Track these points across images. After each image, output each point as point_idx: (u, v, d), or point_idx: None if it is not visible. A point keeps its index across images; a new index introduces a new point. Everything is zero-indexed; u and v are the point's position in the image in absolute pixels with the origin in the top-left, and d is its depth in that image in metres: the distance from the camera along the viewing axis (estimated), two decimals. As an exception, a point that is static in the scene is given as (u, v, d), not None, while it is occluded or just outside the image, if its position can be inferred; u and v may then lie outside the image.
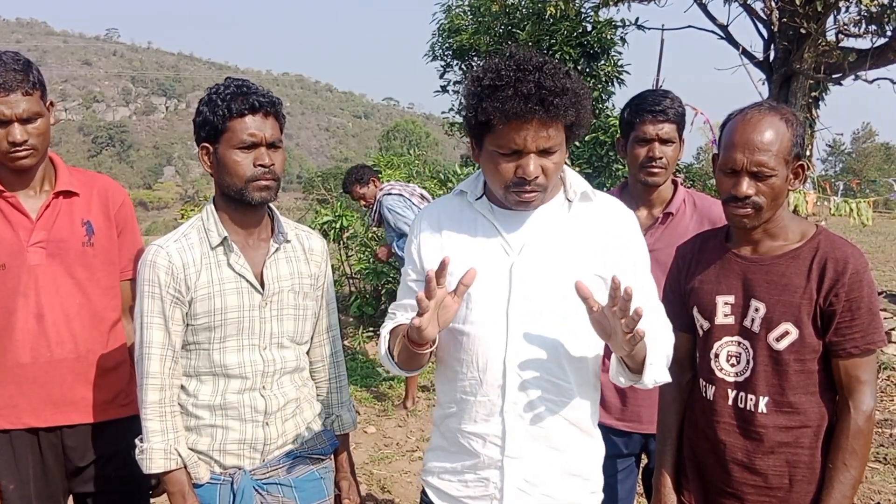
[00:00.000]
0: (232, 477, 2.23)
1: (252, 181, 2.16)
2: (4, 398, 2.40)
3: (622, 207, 2.05)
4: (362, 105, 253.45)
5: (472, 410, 1.97)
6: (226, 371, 2.22)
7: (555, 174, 1.87)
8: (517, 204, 1.89)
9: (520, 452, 1.94)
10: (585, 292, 1.73)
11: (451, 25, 11.67)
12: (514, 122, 1.78)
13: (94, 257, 2.48)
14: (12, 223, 2.39)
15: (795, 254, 2.08)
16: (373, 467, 5.36)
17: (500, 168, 1.85)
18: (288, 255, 2.33)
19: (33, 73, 2.32)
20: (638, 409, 2.85)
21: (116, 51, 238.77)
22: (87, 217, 2.49)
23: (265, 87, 2.24)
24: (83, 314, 2.46)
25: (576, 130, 1.88)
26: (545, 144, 1.81)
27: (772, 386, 2.07)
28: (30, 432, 2.43)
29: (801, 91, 8.75)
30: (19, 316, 2.38)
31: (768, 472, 2.10)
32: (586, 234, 1.94)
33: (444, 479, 2.06)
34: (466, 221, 2.02)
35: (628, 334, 1.70)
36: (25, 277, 2.38)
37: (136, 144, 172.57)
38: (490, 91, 1.79)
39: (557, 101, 1.76)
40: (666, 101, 2.79)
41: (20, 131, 2.29)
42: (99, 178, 2.62)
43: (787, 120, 2.02)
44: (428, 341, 1.81)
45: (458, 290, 1.78)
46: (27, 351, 2.39)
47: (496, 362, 1.92)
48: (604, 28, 10.29)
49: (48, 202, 2.43)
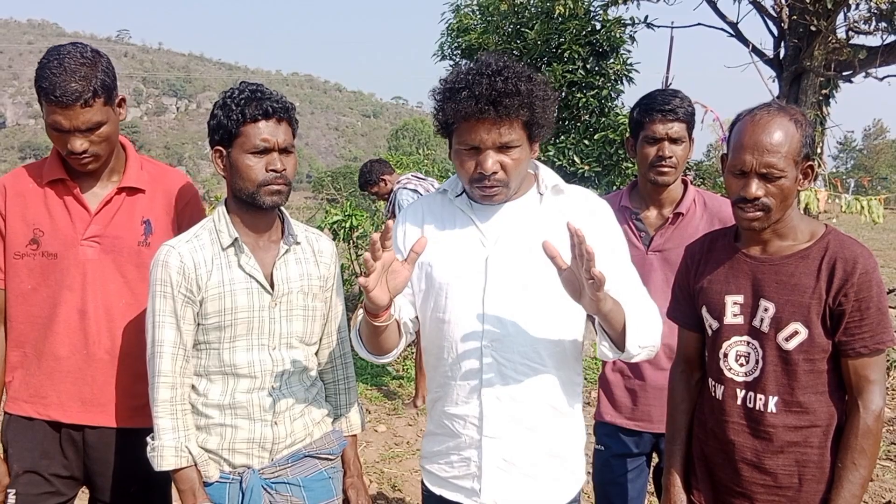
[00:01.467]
0: (241, 476, 2.25)
1: (264, 185, 2.18)
2: (35, 387, 2.39)
3: (594, 197, 2.18)
4: (371, 104, 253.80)
5: (453, 393, 2.12)
6: (235, 370, 2.24)
7: (515, 169, 2.00)
8: (481, 198, 2.05)
9: (497, 432, 2.07)
10: (552, 251, 1.84)
11: (460, 25, 11.66)
12: (470, 120, 1.94)
13: (149, 257, 2.34)
14: (71, 214, 2.35)
15: (805, 254, 2.07)
16: (383, 466, 5.37)
17: (463, 164, 2.01)
18: (298, 257, 2.34)
19: (97, 77, 2.22)
20: (648, 408, 2.85)
21: (127, 52, 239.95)
22: (147, 215, 2.44)
23: (279, 92, 2.26)
24: (128, 315, 2.41)
25: (536, 129, 2.01)
26: (501, 140, 1.95)
27: (781, 386, 2.07)
28: (52, 426, 2.41)
29: (812, 88, 8.70)
30: (63, 308, 2.35)
31: (778, 471, 2.09)
32: (558, 223, 2.00)
33: (433, 462, 2.21)
34: (447, 216, 2.17)
35: (589, 279, 1.78)
36: (74, 271, 2.34)
37: (147, 145, 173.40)
38: (451, 93, 1.97)
39: (507, 102, 1.90)
40: (675, 100, 2.79)
41: (80, 142, 2.25)
42: (170, 173, 2.57)
43: (796, 120, 2.02)
44: (380, 309, 1.91)
45: (409, 257, 1.91)
46: (65, 345, 2.36)
47: (473, 347, 2.06)
48: (613, 26, 10.25)
49: (110, 197, 2.38)
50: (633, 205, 2.90)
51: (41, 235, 2.34)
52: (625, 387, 2.89)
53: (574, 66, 9.99)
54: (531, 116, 1.96)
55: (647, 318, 1.99)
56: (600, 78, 10.19)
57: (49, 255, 2.34)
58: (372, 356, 2.13)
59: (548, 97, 2.00)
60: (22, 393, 2.42)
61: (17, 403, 2.42)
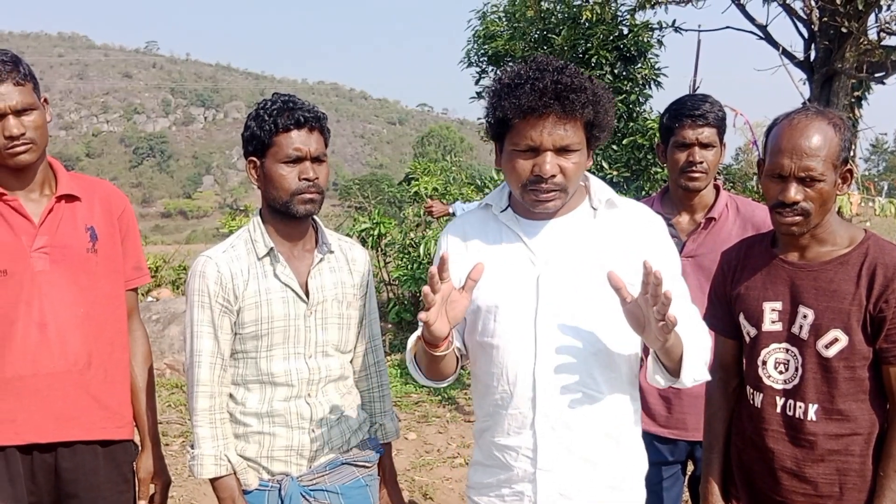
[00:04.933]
0: (280, 483, 2.27)
1: (297, 194, 2.20)
2: (3, 412, 2.25)
3: (649, 213, 2.04)
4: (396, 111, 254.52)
5: (504, 423, 1.98)
6: (272, 379, 2.26)
7: (574, 175, 1.86)
8: (535, 204, 1.89)
9: (552, 465, 1.94)
10: (618, 282, 1.74)
11: (487, 32, 11.66)
12: (531, 117, 1.80)
13: (98, 264, 2.35)
14: (14, 227, 2.26)
15: (844, 259, 2.05)
16: (414, 474, 5.38)
17: (517, 167, 1.86)
18: (332, 265, 2.36)
19: (23, 65, 2.22)
20: (683, 416, 2.83)
21: (156, 63, 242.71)
22: (90, 223, 2.38)
23: (310, 102, 2.28)
24: (86, 324, 2.33)
25: (596, 132, 1.88)
26: (562, 142, 1.81)
27: (821, 393, 2.05)
28: (23, 451, 2.28)
29: (843, 91, 8.60)
30: (20, 325, 2.24)
31: (818, 480, 2.07)
32: (613, 241, 1.93)
33: (483, 495, 2.07)
34: (492, 233, 2.03)
35: (660, 321, 1.69)
36: (28, 284, 2.25)
37: (175, 154, 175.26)
38: (509, 89, 1.82)
39: (574, 97, 1.77)
40: (705, 105, 2.78)
41: (16, 124, 2.17)
42: (100, 183, 2.51)
43: (834, 124, 2.00)
44: (440, 340, 1.81)
45: (465, 284, 1.79)
46: (28, 362, 2.25)
47: (526, 374, 1.92)
48: (640, 31, 10.20)
49: (51, 206, 2.31)
50: (665, 210, 2.88)
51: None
52: (659, 394, 2.87)
53: (601, 71, 9.94)
54: (595, 116, 1.84)
55: (702, 351, 1.90)
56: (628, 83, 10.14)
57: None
58: (430, 381, 2.04)
59: (609, 100, 1.87)
60: None
61: None
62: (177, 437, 5.91)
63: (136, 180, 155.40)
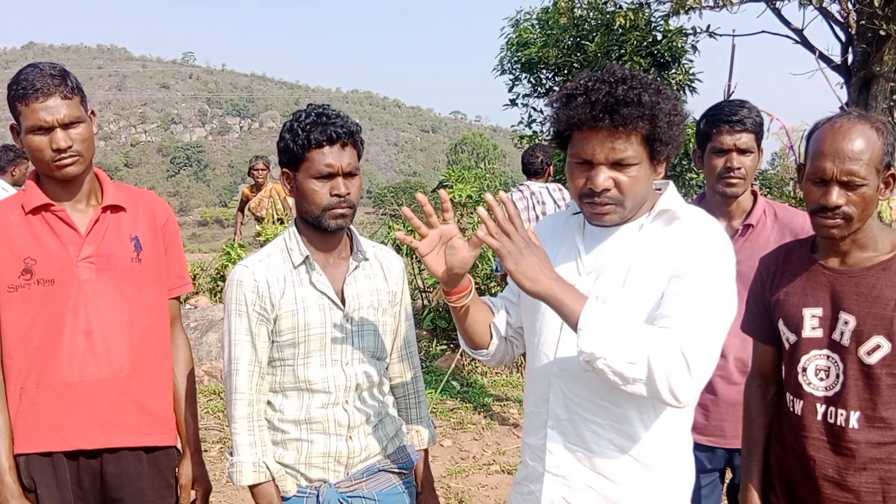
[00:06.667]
0: (318, 490, 2.28)
1: (328, 210, 2.22)
2: (51, 419, 2.31)
3: (706, 228, 1.89)
4: (430, 119, 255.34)
5: (529, 422, 2.04)
6: (310, 386, 2.27)
7: (632, 189, 1.80)
8: (592, 216, 1.87)
9: (559, 470, 1.94)
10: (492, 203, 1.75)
11: (520, 39, 11.69)
12: (584, 130, 1.78)
13: (142, 273, 2.41)
14: (61, 237, 2.32)
15: (886, 265, 2.02)
16: (450, 481, 5.37)
17: (574, 178, 1.85)
18: (367, 273, 2.38)
19: (71, 78, 2.27)
20: (721, 423, 2.80)
21: (192, 74, 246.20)
22: (134, 233, 2.43)
23: (345, 115, 2.28)
24: (131, 332, 2.38)
25: (658, 146, 1.80)
26: (615, 156, 1.77)
27: (863, 401, 2.02)
28: (70, 457, 2.34)
29: (882, 94, 8.47)
30: (67, 333, 2.30)
31: (861, 489, 2.04)
32: (646, 255, 1.84)
33: (515, 490, 2.13)
34: (559, 235, 2.04)
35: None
36: (75, 293, 2.31)
37: (211, 164, 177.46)
38: (567, 99, 1.81)
39: (625, 111, 1.72)
40: (743, 110, 2.76)
41: (63, 137, 2.22)
42: (144, 193, 2.57)
43: (877, 128, 1.97)
44: (449, 286, 1.95)
45: (472, 241, 1.88)
46: (75, 369, 2.31)
47: (544, 375, 1.96)
48: (674, 36, 10.16)
49: (97, 216, 2.37)
50: (702, 217, 2.85)
51: (33, 264, 2.30)
52: (696, 402, 2.84)
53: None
54: (652, 131, 1.76)
55: (636, 344, 1.68)
56: (662, 88, 10.09)
57: (45, 282, 2.30)
58: (466, 346, 2.11)
59: (675, 112, 1.80)
60: (34, 430, 2.32)
61: (33, 441, 2.32)
62: (215, 444, 5.96)
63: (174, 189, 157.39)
